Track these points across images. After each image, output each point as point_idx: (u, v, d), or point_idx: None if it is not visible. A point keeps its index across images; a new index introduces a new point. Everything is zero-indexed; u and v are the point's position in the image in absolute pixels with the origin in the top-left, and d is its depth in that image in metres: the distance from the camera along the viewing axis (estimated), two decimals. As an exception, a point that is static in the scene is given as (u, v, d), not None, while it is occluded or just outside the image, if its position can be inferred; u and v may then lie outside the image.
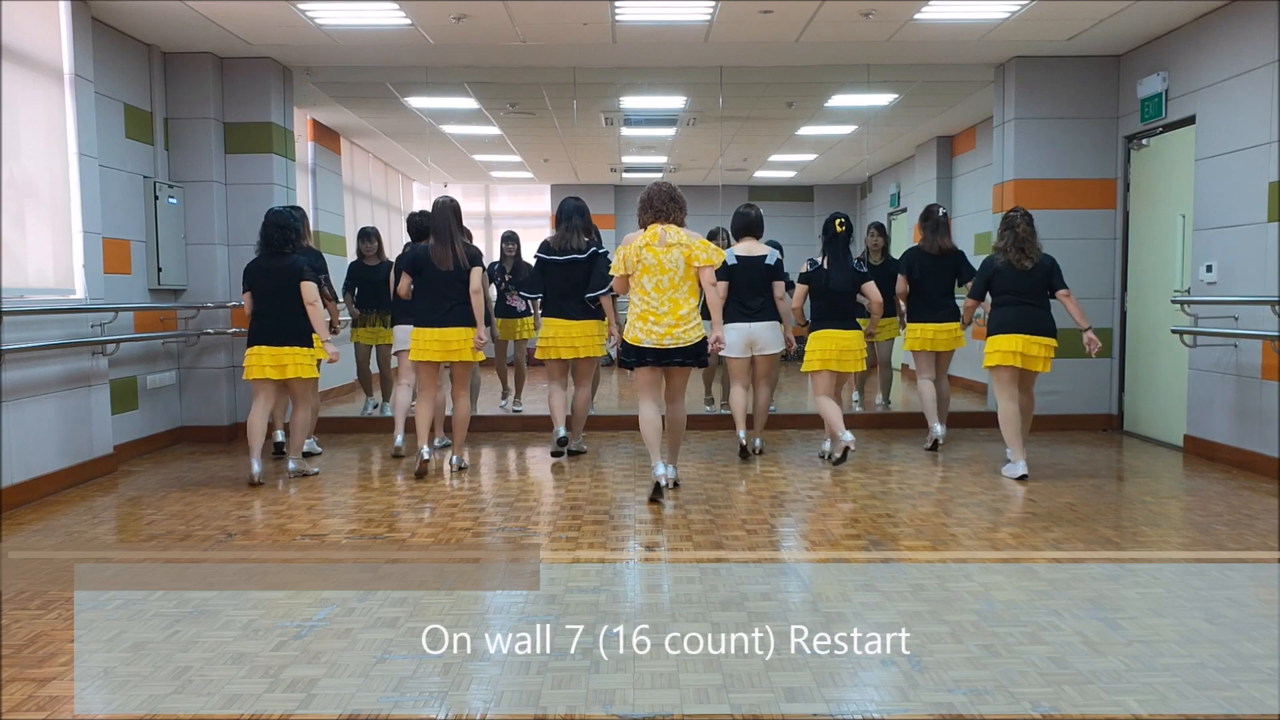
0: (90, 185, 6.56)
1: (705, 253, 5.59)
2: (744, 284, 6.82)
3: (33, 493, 5.85)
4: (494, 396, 9.52)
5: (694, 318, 5.61)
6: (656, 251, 5.58)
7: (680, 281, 5.58)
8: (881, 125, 11.30)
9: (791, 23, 7.34)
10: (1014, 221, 6.40)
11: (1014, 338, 6.21)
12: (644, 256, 5.59)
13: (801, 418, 8.68)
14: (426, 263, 6.36)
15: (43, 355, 5.98)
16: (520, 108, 10.42)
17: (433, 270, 6.35)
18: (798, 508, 5.61)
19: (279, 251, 6.26)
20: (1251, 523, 5.21)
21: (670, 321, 5.56)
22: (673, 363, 5.65)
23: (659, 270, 5.57)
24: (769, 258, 6.85)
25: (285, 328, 6.21)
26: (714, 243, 6.96)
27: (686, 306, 5.59)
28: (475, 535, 5.06)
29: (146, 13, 6.98)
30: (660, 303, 5.57)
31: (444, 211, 6.43)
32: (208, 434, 8.18)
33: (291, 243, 6.32)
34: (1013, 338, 6.21)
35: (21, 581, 4.26)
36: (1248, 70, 6.59)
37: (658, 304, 5.57)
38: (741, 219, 6.98)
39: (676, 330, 5.56)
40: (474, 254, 6.50)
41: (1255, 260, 6.48)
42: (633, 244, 5.66)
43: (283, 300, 6.19)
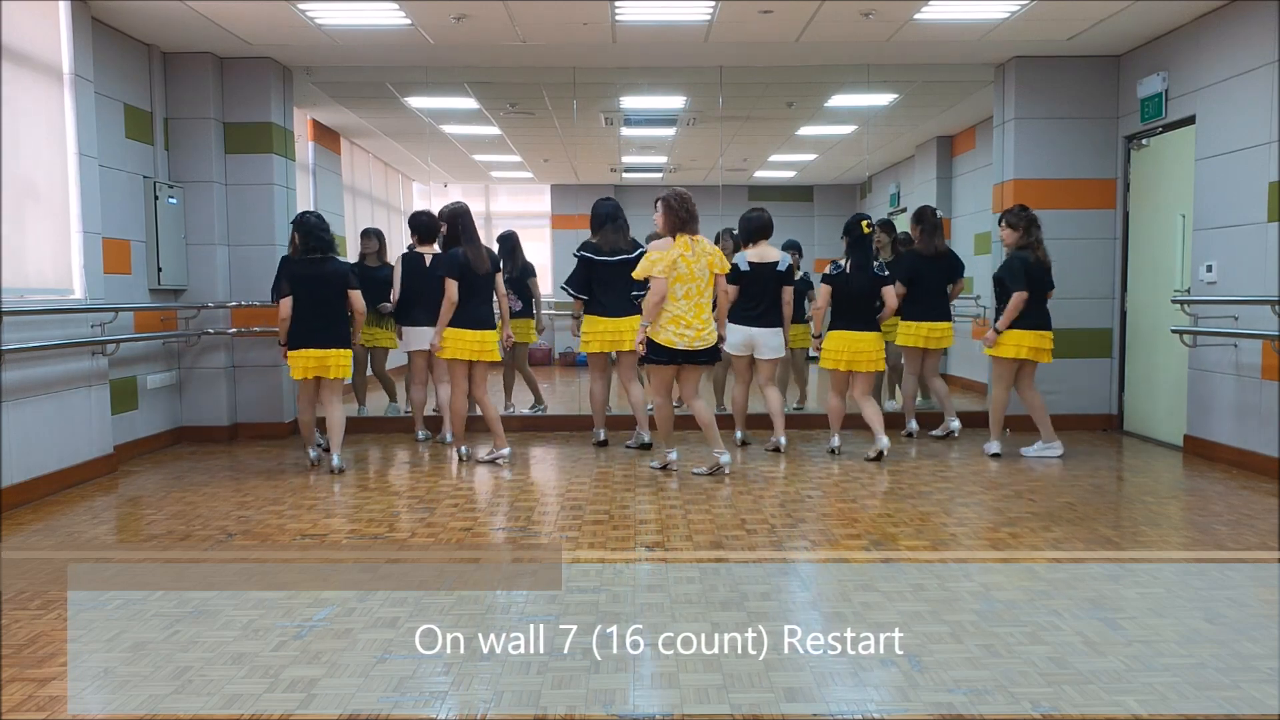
0: (90, 185, 6.56)
1: (722, 261, 6.23)
2: (754, 289, 6.95)
3: (33, 493, 5.85)
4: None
5: (713, 323, 6.22)
6: (690, 262, 6.07)
7: (705, 288, 6.16)
8: (881, 125, 11.29)
9: (791, 23, 7.34)
10: (1035, 219, 6.80)
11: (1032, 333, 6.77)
12: (679, 266, 6.06)
13: (802, 417, 8.68)
14: (469, 267, 6.64)
15: (43, 355, 5.98)
16: (520, 108, 10.41)
17: (473, 274, 6.68)
18: (798, 507, 5.61)
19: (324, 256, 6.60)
20: (1251, 523, 5.21)
21: (699, 326, 6.13)
22: (696, 361, 6.21)
23: (690, 279, 6.08)
24: (781, 263, 7.01)
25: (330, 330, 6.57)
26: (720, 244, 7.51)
27: (708, 311, 6.19)
28: (475, 535, 5.06)
29: (146, 13, 6.98)
30: (689, 308, 6.10)
31: (469, 215, 6.84)
32: (208, 434, 8.18)
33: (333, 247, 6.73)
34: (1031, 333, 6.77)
35: (21, 581, 4.26)
36: (1248, 70, 6.59)
37: (687, 310, 6.10)
38: (754, 223, 7.07)
39: (705, 333, 6.16)
40: (494, 257, 6.87)
41: (1255, 260, 6.48)
42: (669, 252, 6.06)
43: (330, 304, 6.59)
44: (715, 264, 6.17)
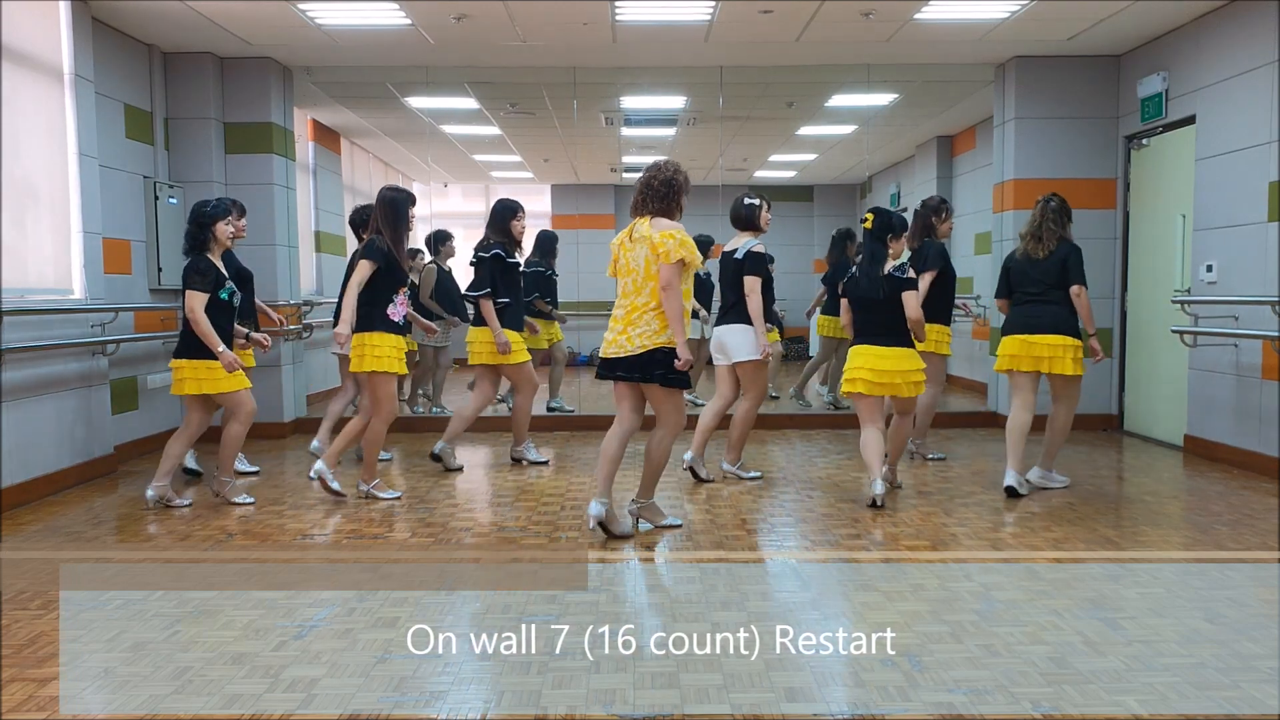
0: (90, 185, 6.56)
1: (663, 246, 4.62)
2: (722, 282, 6.21)
3: (32, 493, 5.85)
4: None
5: (644, 323, 4.67)
6: (626, 250, 4.80)
7: (643, 282, 4.69)
8: (881, 125, 11.29)
9: (791, 23, 7.34)
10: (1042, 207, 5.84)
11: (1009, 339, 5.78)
12: (620, 256, 4.85)
13: (802, 417, 8.68)
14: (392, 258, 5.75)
15: (43, 355, 5.98)
16: (520, 108, 10.42)
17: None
18: (797, 508, 5.61)
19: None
20: (1251, 523, 5.21)
21: (618, 329, 4.75)
22: (615, 376, 4.80)
23: (625, 271, 4.79)
24: (739, 251, 6.06)
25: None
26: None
27: (641, 311, 4.68)
28: (475, 535, 5.06)
29: (146, 13, 6.98)
30: (618, 307, 4.80)
31: (392, 204, 5.80)
32: (208, 434, 8.13)
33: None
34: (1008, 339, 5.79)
35: (21, 581, 4.26)
36: (1248, 70, 6.59)
37: (618, 307, 4.80)
38: (731, 212, 6.33)
39: (621, 339, 4.71)
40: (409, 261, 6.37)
41: (1255, 260, 6.48)
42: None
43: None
44: (657, 249, 4.61)
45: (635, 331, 4.68)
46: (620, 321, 4.74)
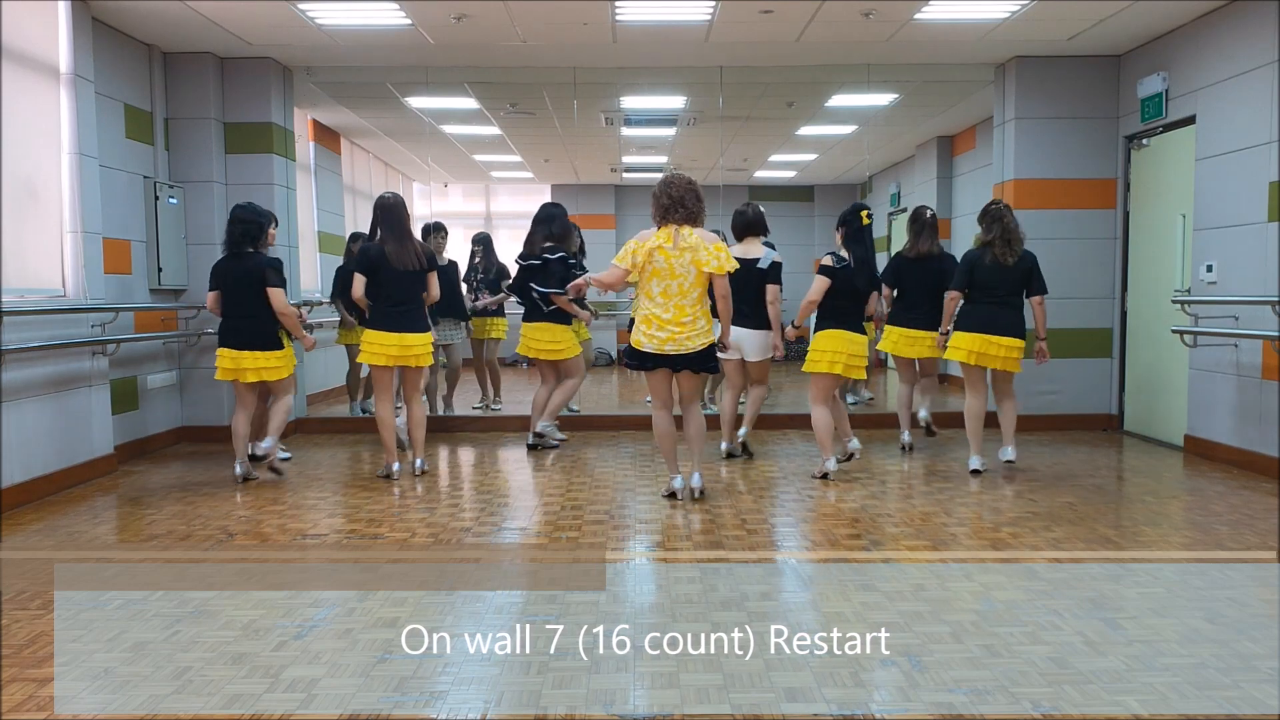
0: (90, 185, 6.55)
1: (715, 259, 5.28)
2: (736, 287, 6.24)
3: (32, 493, 5.85)
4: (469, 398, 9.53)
5: (698, 324, 5.35)
6: (669, 255, 5.29)
7: (691, 287, 5.32)
8: (881, 125, 11.29)
9: (791, 23, 7.34)
10: (1000, 214, 6.36)
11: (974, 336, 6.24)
12: (655, 260, 5.30)
13: (802, 418, 8.67)
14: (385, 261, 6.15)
15: (43, 355, 5.98)
16: (520, 108, 10.41)
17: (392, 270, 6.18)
18: (798, 508, 5.61)
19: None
20: (1251, 523, 5.21)
21: (674, 328, 5.32)
22: (673, 366, 5.45)
23: (669, 275, 5.30)
24: (762, 260, 6.55)
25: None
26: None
27: (691, 314, 5.33)
28: (476, 535, 5.06)
29: (146, 13, 6.98)
30: (665, 309, 5.32)
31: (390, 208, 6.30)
32: (208, 434, 8.17)
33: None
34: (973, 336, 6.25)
35: (21, 581, 4.26)
36: (1248, 70, 6.59)
37: (662, 310, 5.32)
38: (739, 218, 6.77)
39: (681, 336, 5.33)
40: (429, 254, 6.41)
41: (1255, 260, 6.48)
42: (645, 243, 5.33)
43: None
44: (703, 261, 5.26)
45: (693, 332, 5.36)
46: (672, 323, 5.34)
